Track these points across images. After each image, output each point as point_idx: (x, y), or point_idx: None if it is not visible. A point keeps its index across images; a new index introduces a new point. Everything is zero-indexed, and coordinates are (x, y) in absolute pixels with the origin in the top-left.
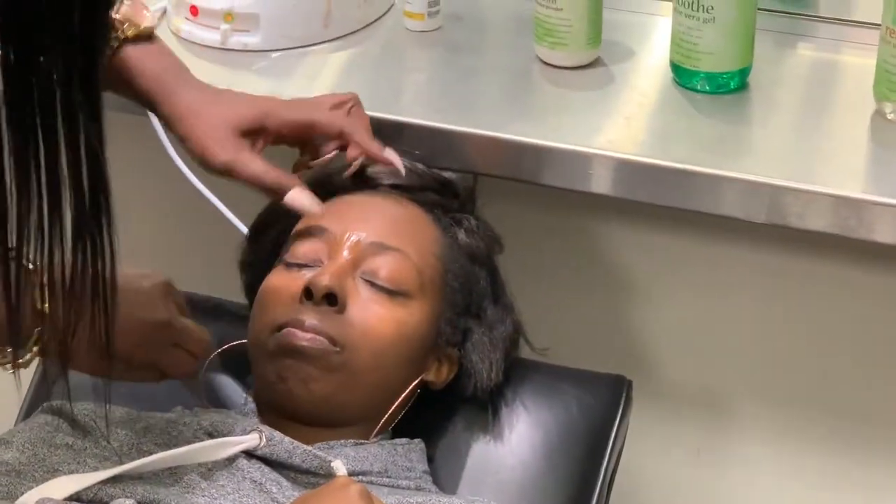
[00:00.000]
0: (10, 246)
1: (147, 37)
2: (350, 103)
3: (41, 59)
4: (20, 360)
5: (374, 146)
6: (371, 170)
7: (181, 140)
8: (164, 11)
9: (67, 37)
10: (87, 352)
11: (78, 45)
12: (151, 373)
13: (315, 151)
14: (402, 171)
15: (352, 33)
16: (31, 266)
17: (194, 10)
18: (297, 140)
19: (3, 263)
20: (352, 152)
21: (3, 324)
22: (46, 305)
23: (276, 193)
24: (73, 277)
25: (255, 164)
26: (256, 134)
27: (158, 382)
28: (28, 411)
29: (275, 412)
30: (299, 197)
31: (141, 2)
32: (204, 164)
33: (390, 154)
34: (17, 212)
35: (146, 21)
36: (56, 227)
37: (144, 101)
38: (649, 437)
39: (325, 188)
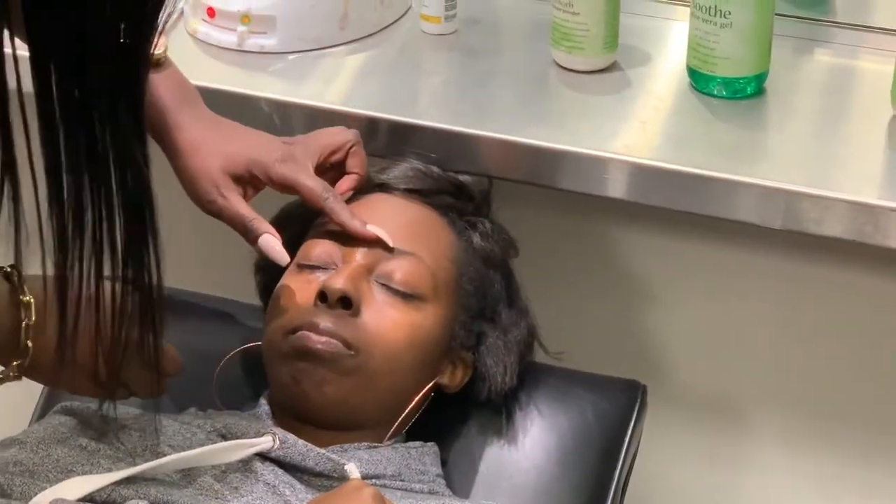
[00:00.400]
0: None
1: (156, 64)
2: (350, 144)
3: (89, 83)
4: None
5: (354, 224)
6: (386, 174)
7: (176, 174)
8: (182, 13)
9: (113, 59)
10: (70, 371)
11: (123, 68)
12: (120, 391)
13: None
14: (390, 244)
15: (368, 36)
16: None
17: (211, 12)
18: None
19: (59, 284)
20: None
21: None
22: (94, 325)
23: (249, 237)
24: (123, 295)
25: (236, 207)
26: (245, 181)
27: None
28: (42, 412)
29: (289, 415)
30: (268, 243)
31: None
32: (194, 201)
33: (373, 230)
34: (70, 233)
35: (158, 49)
36: (106, 247)
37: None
38: (663, 443)
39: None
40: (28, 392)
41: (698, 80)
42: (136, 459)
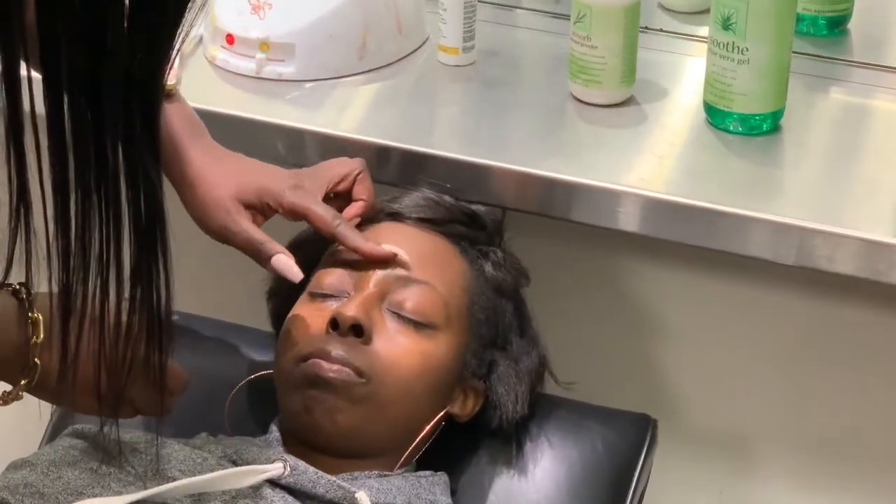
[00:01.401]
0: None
1: (167, 95)
2: (356, 173)
3: (104, 100)
4: (9, 394)
5: (368, 246)
6: (398, 203)
7: (185, 205)
8: (200, 39)
9: (129, 78)
10: (74, 390)
11: (138, 92)
12: (126, 409)
13: None
14: (407, 261)
15: (386, 66)
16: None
17: (230, 39)
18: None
19: (62, 301)
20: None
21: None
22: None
23: (262, 258)
24: (130, 314)
25: (248, 232)
26: (256, 209)
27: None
28: (53, 434)
29: (300, 442)
30: (282, 262)
31: None
32: (202, 228)
33: (389, 247)
34: (78, 250)
35: (171, 79)
36: (114, 265)
37: None
38: (673, 477)
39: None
40: (38, 414)
41: (714, 115)
42: (146, 483)
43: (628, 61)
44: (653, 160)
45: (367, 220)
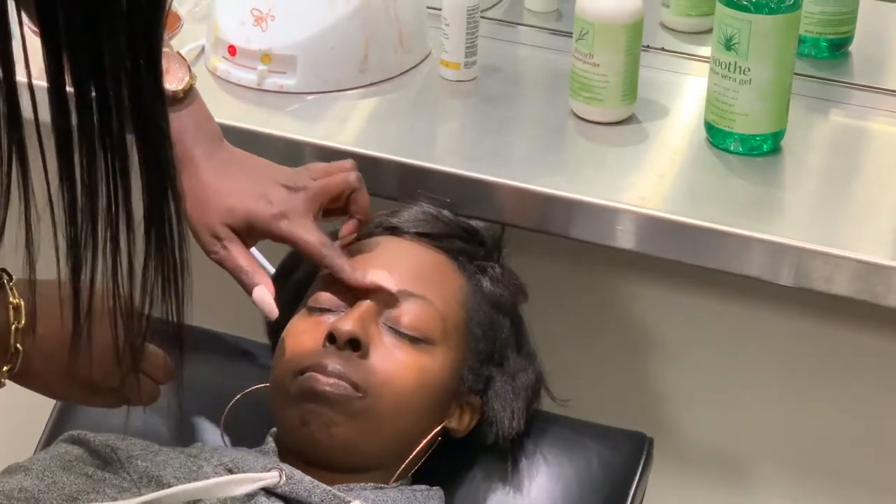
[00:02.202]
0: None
1: (182, 96)
2: (350, 190)
3: (105, 48)
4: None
5: (355, 277)
6: (396, 218)
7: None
8: (202, 50)
9: (130, 24)
10: (58, 377)
11: (140, 33)
12: (114, 398)
13: None
14: (393, 289)
15: (388, 79)
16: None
17: (232, 50)
18: None
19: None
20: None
21: None
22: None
23: (246, 288)
24: (146, 264)
25: (235, 259)
26: (245, 234)
27: (119, 408)
28: (48, 439)
29: (296, 456)
30: (261, 296)
31: (176, 57)
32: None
33: (374, 277)
34: (85, 204)
35: (174, 84)
36: (123, 215)
37: None
38: (668, 496)
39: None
40: (33, 419)
41: (715, 135)
42: (141, 490)
43: (630, 79)
44: (653, 179)
45: (365, 234)
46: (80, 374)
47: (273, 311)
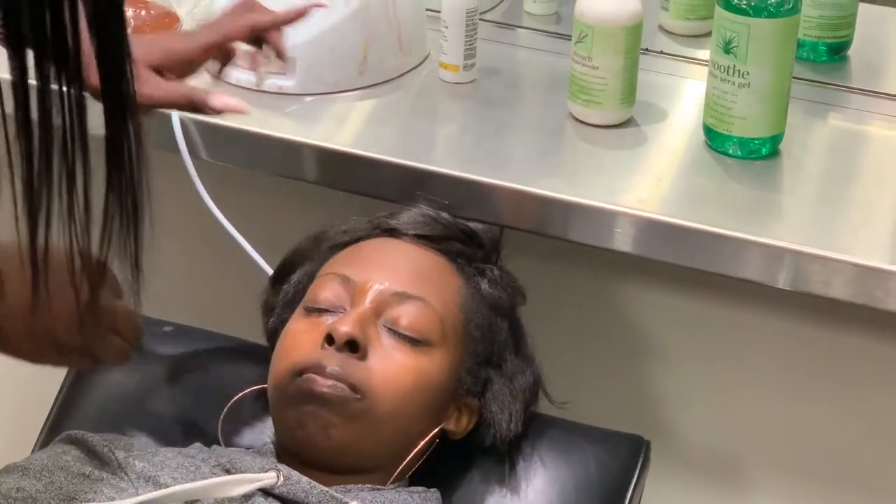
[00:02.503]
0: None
1: None
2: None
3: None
4: None
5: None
6: (395, 220)
7: None
8: None
9: None
10: (26, 338)
11: None
12: (85, 359)
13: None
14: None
15: (387, 81)
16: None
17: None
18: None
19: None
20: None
21: None
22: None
23: (195, 104)
24: (108, 190)
25: (165, 84)
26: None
27: (92, 368)
28: (46, 440)
29: (293, 457)
30: (225, 99)
31: None
32: None
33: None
34: (41, 149)
35: None
36: (80, 156)
37: None
38: (664, 499)
39: (349, 235)
40: (32, 419)
41: (714, 138)
42: (139, 490)
43: (629, 82)
44: (651, 182)
45: (364, 236)
46: (43, 332)
47: (244, 105)
